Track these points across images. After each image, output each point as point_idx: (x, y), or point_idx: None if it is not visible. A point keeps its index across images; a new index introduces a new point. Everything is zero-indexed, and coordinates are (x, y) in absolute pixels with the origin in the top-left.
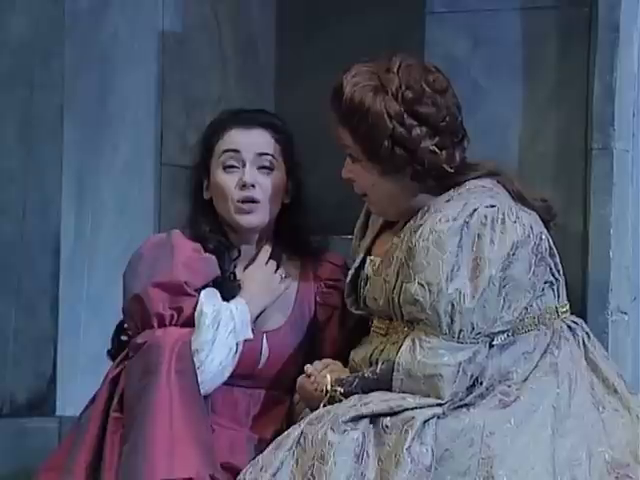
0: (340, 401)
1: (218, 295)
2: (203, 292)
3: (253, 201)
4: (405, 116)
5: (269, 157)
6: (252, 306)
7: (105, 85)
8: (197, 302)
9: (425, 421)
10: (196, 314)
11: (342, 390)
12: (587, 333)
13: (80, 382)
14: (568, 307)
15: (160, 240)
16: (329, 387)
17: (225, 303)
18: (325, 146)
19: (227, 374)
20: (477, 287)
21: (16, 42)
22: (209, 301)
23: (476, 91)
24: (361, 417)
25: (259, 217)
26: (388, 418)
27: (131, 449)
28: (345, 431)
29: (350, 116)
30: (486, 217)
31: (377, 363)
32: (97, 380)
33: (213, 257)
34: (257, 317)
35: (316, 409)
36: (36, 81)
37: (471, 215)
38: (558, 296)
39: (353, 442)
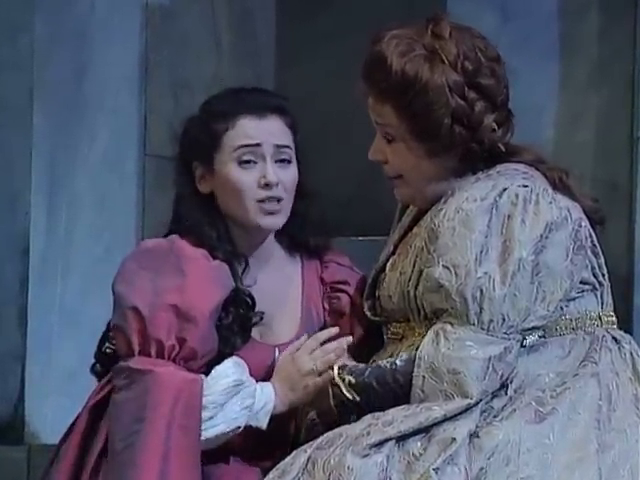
0: (348, 400)
1: (246, 370)
2: (233, 359)
3: (278, 200)
4: (466, 89)
5: (287, 149)
6: (279, 400)
7: (81, 65)
8: (203, 335)
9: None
10: (216, 370)
11: (353, 380)
12: (636, 351)
13: (52, 405)
14: (615, 319)
15: (159, 248)
16: (336, 375)
17: (252, 380)
18: (330, 133)
19: (212, 447)
20: (506, 272)
21: None
22: (237, 369)
23: (505, 71)
24: (387, 440)
25: (282, 218)
26: (419, 444)
27: None
28: (367, 455)
29: (400, 91)
30: (517, 196)
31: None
32: (72, 402)
33: (224, 264)
34: (266, 330)
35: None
36: (2, 60)
37: (500, 195)
38: (602, 303)
39: (376, 467)
